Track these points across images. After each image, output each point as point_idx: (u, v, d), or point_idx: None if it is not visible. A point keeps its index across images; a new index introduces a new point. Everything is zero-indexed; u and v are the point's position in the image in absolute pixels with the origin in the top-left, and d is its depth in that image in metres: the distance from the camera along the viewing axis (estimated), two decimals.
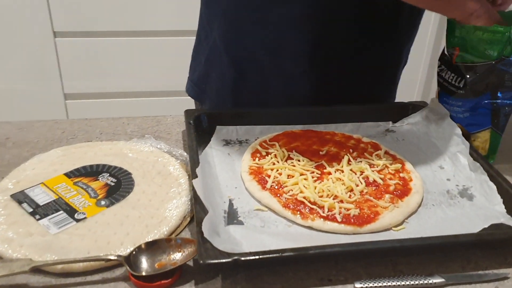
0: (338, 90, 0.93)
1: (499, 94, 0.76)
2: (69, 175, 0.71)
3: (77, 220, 0.62)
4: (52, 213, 0.63)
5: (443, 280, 0.58)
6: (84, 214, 0.63)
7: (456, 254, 0.62)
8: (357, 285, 0.57)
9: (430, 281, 0.57)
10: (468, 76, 0.78)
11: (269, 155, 0.76)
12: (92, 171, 0.72)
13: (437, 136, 0.84)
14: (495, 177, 0.72)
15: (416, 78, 2.11)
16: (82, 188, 0.68)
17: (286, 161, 0.75)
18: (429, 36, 1.98)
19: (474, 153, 0.77)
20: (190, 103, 1.05)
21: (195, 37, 1.03)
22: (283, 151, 0.77)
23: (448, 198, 0.72)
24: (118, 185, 0.69)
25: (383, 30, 0.90)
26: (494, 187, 0.71)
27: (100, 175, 0.71)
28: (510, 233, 0.63)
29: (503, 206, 0.68)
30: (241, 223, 0.64)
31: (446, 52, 0.82)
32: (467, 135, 0.81)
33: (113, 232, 0.61)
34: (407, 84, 1.03)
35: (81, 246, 0.59)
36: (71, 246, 0.58)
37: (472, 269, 0.60)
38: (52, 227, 0.61)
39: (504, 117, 0.77)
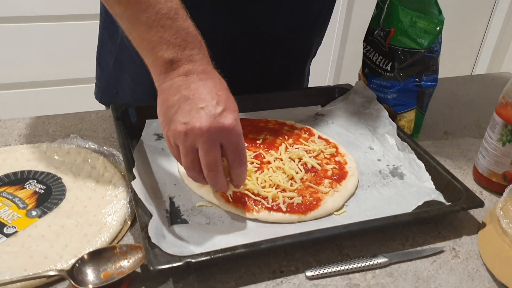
0: (243, 81, 0.90)
1: (423, 77, 0.79)
2: None
3: (7, 235, 0.57)
4: None
5: (386, 259, 0.60)
6: (15, 227, 0.58)
7: (395, 232, 0.65)
8: (308, 273, 0.58)
9: (375, 262, 0.60)
10: (397, 61, 0.81)
11: None
12: (16, 179, 0.66)
13: (365, 118, 0.87)
14: (422, 155, 0.76)
15: (328, 60, 2.16)
16: (7, 198, 0.62)
17: None
18: (339, 17, 2.03)
19: (401, 133, 0.80)
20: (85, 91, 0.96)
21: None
22: None
23: (381, 178, 0.75)
24: (49, 193, 0.64)
25: (293, 24, 0.87)
26: (422, 164, 0.75)
27: (27, 183, 0.65)
28: (442, 209, 0.67)
29: (432, 183, 0.72)
30: (185, 221, 0.63)
31: (381, 31, 0.83)
32: (393, 115, 0.84)
33: (50, 245, 0.57)
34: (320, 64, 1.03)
35: (16, 264, 0.54)
36: (3, 266, 0.53)
37: (411, 245, 0.64)
38: None
39: (427, 98, 0.82)
